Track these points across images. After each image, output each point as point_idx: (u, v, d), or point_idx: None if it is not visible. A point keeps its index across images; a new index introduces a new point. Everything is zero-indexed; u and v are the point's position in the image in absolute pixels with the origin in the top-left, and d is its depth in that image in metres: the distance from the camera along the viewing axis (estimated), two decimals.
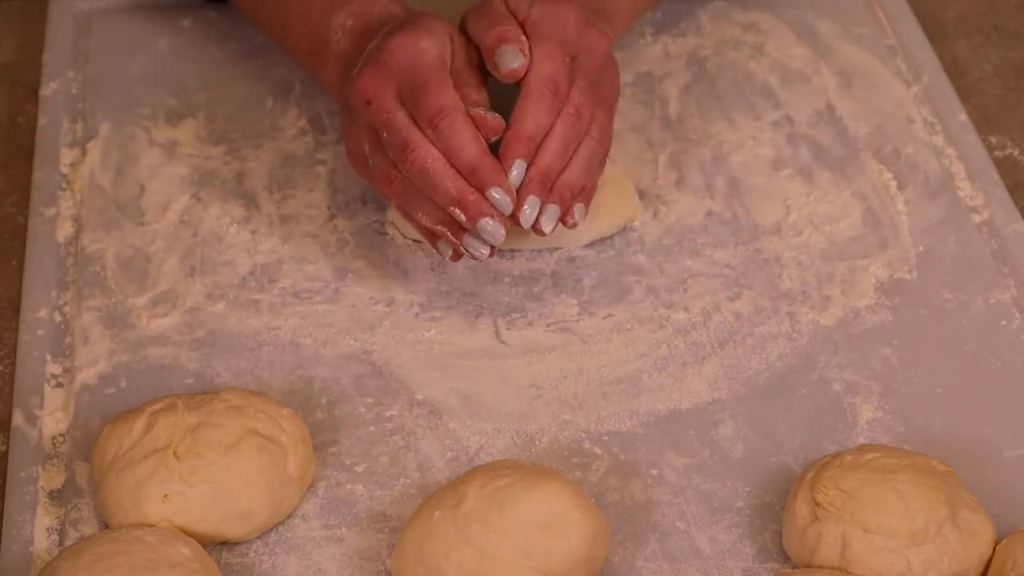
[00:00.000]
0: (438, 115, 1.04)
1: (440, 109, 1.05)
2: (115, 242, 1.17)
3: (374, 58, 1.08)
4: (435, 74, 1.06)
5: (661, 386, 1.07)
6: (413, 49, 1.07)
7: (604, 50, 1.11)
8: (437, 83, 1.06)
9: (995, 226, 1.17)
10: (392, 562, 0.96)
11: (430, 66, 1.06)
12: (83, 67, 1.31)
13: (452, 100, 1.05)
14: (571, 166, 1.08)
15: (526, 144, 1.06)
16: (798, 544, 0.96)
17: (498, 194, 1.04)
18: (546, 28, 1.09)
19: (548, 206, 1.06)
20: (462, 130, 1.04)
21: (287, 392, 1.07)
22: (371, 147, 1.08)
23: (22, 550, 0.98)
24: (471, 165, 1.04)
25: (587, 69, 1.09)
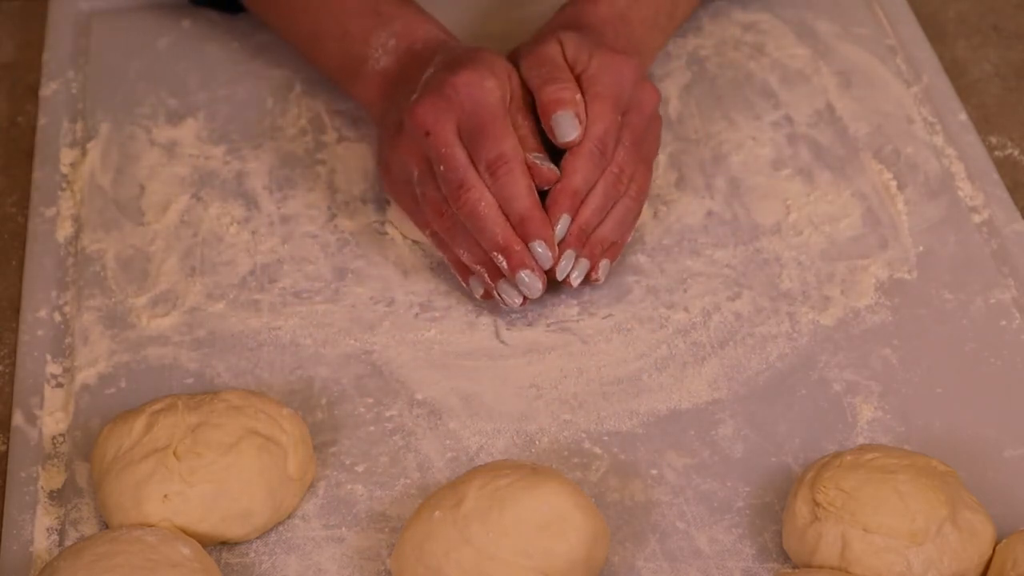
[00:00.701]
0: (498, 161, 1.07)
1: (500, 156, 1.07)
2: (115, 242, 1.17)
3: (436, 90, 1.09)
4: (498, 118, 1.08)
5: (661, 386, 1.07)
6: (478, 88, 1.08)
7: (652, 107, 1.12)
8: (500, 128, 1.08)
9: (995, 226, 1.17)
10: (392, 562, 0.96)
11: (493, 108, 1.08)
12: (83, 67, 1.31)
13: (512, 147, 1.07)
14: (606, 222, 1.10)
15: (572, 199, 1.08)
16: (798, 544, 0.96)
17: (541, 248, 1.07)
18: (603, 85, 1.11)
19: (580, 260, 1.09)
20: (519, 180, 1.07)
21: (287, 392, 1.07)
22: (421, 175, 1.10)
23: (22, 550, 0.98)
24: (522, 215, 1.07)
25: (635, 127, 1.11)
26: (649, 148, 1.14)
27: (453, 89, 1.08)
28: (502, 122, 1.08)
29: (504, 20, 1.35)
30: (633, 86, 1.11)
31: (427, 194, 1.10)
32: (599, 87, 1.10)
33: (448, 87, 1.08)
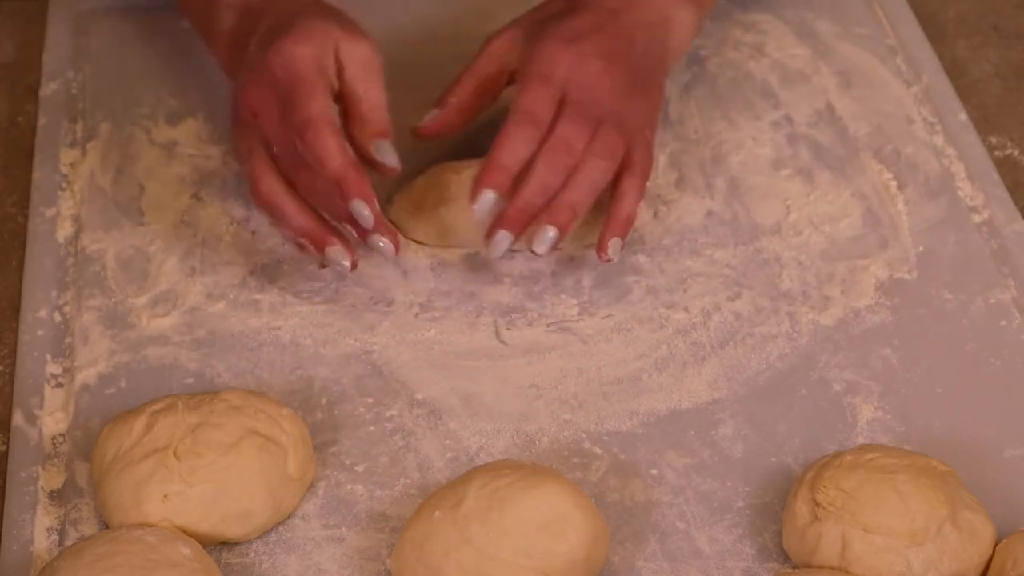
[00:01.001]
0: (304, 125, 1.04)
1: (306, 119, 1.04)
2: (115, 242, 1.17)
3: (255, 69, 1.08)
4: (305, 82, 1.06)
5: (661, 386, 1.07)
6: (289, 58, 1.07)
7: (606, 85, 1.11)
8: (305, 91, 1.05)
9: (995, 226, 1.17)
10: (392, 562, 0.96)
11: (302, 74, 1.06)
12: (83, 67, 1.31)
13: (319, 110, 1.05)
14: (571, 186, 1.09)
15: (497, 173, 1.07)
16: (798, 544, 0.96)
17: (359, 207, 1.04)
18: (528, 67, 1.11)
19: (544, 227, 1.08)
20: (328, 140, 1.04)
21: (287, 392, 1.07)
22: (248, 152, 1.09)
23: (22, 550, 0.98)
24: (336, 175, 1.04)
25: (576, 99, 1.10)
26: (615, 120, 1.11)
27: (266, 66, 1.07)
28: (309, 85, 1.06)
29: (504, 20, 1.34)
30: (570, 67, 1.10)
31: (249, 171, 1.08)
32: (524, 69, 1.11)
33: (263, 65, 1.07)
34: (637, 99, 1.13)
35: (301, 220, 1.07)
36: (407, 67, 1.31)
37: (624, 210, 1.11)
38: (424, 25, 1.34)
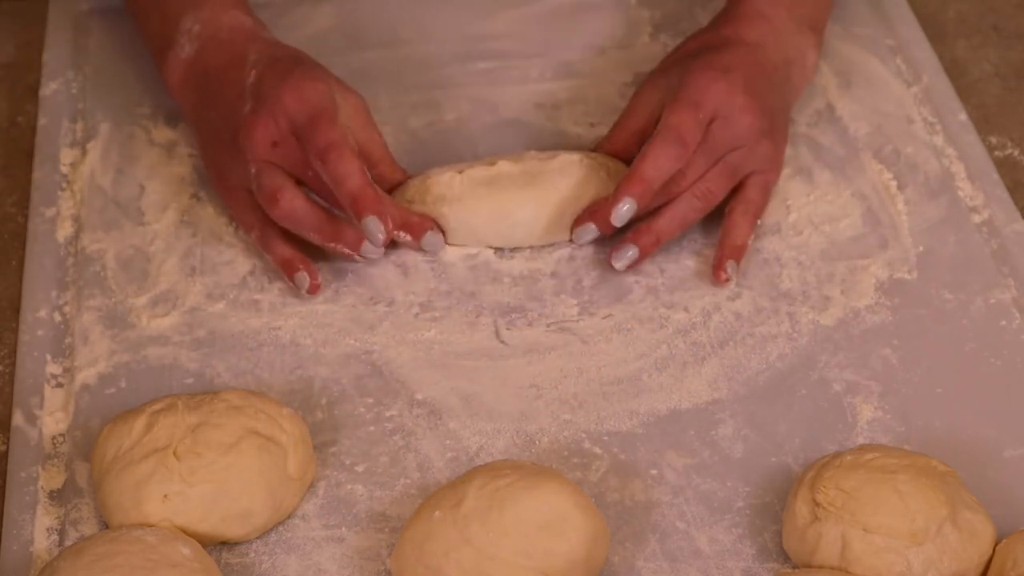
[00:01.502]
0: (328, 149, 1.08)
1: (330, 144, 1.08)
2: (115, 242, 1.17)
3: (270, 100, 1.11)
4: (326, 111, 1.10)
5: (661, 386, 1.07)
6: (303, 90, 1.10)
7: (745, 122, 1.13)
8: (327, 120, 1.09)
9: (995, 226, 1.17)
10: (392, 562, 0.96)
11: (322, 104, 1.10)
12: (83, 67, 1.31)
13: (341, 135, 1.09)
14: (662, 214, 1.13)
15: (640, 184, 1.10)
16: (798, 544, 0.96)
17: (372, 223, 1.07)
18: (683, 92, 1.12)
19: (627, 245, 1.12)
20: (349, 162, 1.08)
21: (287, 392, 1.07)
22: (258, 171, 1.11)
23: (22, 550, 0.98)
24: (352, 195, 1.08)
25: (714, 134, 1.12)
26: (735, 162, 1.14)
27: (279, 100, 1.10)
28: (329, 114, 1.09)
29: (504, 20, 1.35)
30: (720, 97, 1.12)
31: (264, 185, 1.10)
32: (679, 94, 1.12)
33: (275, 99, 1.10)
34: (767, 141, 1.15)
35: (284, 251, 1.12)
36: (407, 67, 1.31)
37: (733, 241, 1.14)
38: (424, 25, 1.34)
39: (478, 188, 1.15)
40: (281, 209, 1.10)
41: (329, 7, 1.36)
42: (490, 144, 1.24)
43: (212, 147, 1.16)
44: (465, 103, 1.28)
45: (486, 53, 1.32)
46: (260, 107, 1.11)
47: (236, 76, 1.14)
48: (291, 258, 1.12)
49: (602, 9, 1.36)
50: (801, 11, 1.21)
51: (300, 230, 1.12)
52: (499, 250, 1.16)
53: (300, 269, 1.12)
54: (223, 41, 1.17)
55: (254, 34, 1.18)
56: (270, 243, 1.13)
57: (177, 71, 1.19)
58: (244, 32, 1.18)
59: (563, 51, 1.32)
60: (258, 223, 1.13)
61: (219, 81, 1.15)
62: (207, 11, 1.18)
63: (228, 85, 1.14)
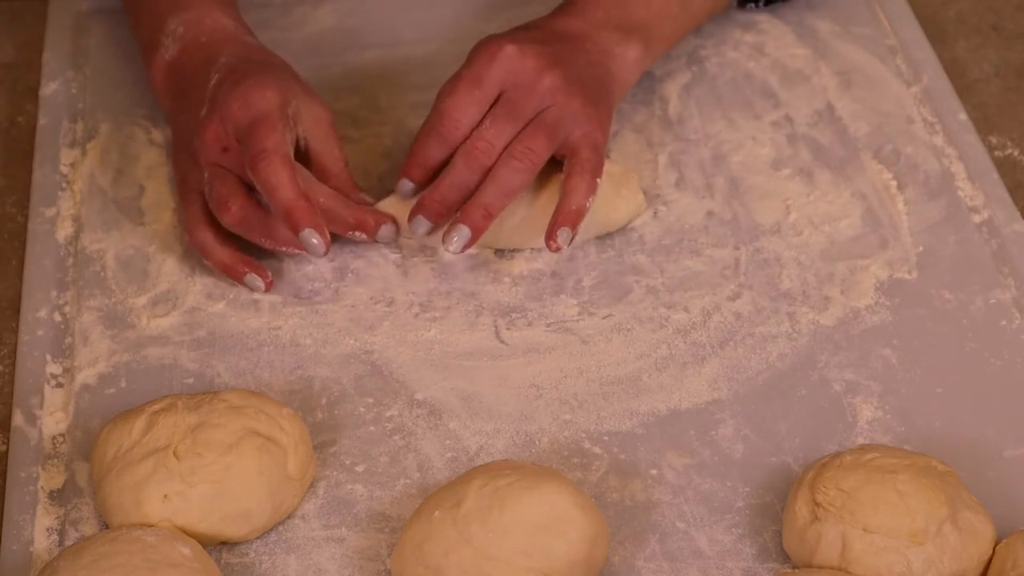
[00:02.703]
0: (260, 156, 1.08)
1: (262, 151, 1.09)
2: (115, 242, 1.17)
3: (221, 107, 1.11)
4: (267, 118, 1.10)
5: (661, 386, 1.07)
6: (251, 97, 1.11)
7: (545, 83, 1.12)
8: (266, 127, 1.09)
9: (995, 226, 1.17)
10: (392, 562, 0.96)
11: (264, 111, 1.10)
12: (83, 67, 1.31)
13: (275, 143, 1.09)
14: (485, 188, 1.11)
15: (412, 168, 1.14)
16: (798, 544, 0.96)
17: (310, 236, 1.08)
18: (469, 67, 1.13)
19: (458, 226, 1.11)
20: (279, 171, 1.08)
21: (287, 392, 1.07)
22: (211, 176, 1.12)
23: (22, 550, 0.98)
24: (285, 207, 1.08)
25: (509, 99, 1.12)
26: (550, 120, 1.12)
27: (228, 105, 1.10)
28: (270, 122, 1.10)
29: (504, 20, 1.35)
30: (505, 65, 1.12)
31: (216, 190, 1.11)
32: (462, 70, 1.14)
33: (225, 103, 1.11)
34: (578, 99, 1.14)
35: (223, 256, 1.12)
36: (407, 67, 1.31)
37: (572, 204, 1.11)
38: (424, 25, 1.34)
39: None
40: (232, 216, 1.11)
41: (329, 7, 1.36)
42: None
43: (180, 149, 1.16)
44: None
45: None
46: (212, 111, 1.12)
47: (204, 79, 1.15)
48: (232, 261, 1.12)
49: None
50: (621, 13, 1.20)
51: (251, 236, 1.12)
52: (499, 250, 1.16)
53: (247, 271, 1.12)
54: (202, 44, 1.17)
55: (232, 37, 1.18)
56: (209, 248, 1.12)
57: (160, 72, 1.20)
58: (223, 34, 1.18)
59: None
60: (199, 227, 1.13)
61: (192, 83, 1.16)
62: (191, 13, 1.19)
63: (197, 88, 1.15)
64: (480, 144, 1.12)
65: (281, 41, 1.29)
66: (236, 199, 1.11)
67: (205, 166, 1.12)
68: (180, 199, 1.15)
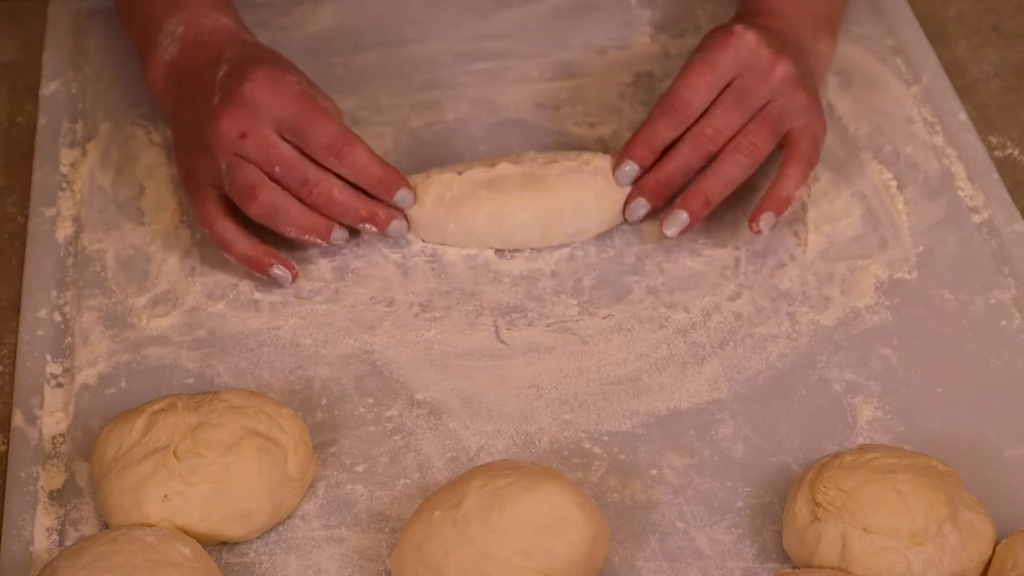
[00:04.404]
0: (336, 142, 1.10)
1: (336, 137, 1.10)
2: (115, 242, 1.17)
3: (237, 93, 1.10)
4: (313, 104, 1.11)
5: (661, 386, 1.07)
6: (282, 83, 1.11)
7: (777, 73, 1.13)
8: (319, 112, 1.10)
9: (995, 226, 1.17)
10: (392, 562, 0.96)
11: (304, 98, 1.11)
12: (83, 67, 1.31)
13: (339, 126, 1.11)
14: (707, 177, 1.13)
15: (640, 148, 1.14)
16: (798, 544, 0.96)
17: (404, 193, 1.13)
18: (699, 52, 1.14)
19: (677, 212, 1.13)
20: (361, 152, 1.11)
21: (287, 392, 1.07)
22: (229, 166, 1.11)
23: (22, 550, 0.98)
24: (378, 179, 1.12)
25: (741, 89, 1.13)
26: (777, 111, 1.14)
27: (252, 90, 1.10)
28: (318, 107, 1.11)
29: (504, 20, 1.35)
30: (740, 53, 1.13)
31: (240, 182, 1.11)
32: (701, 48, 1.14)
33: (247, 89, 1.10)
34: (803, 92, 1.15)
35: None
36: (407, 67, 1.31)
37: (782, 191, 1.13)
38: (424, 25, 1.34)
39: (477, 190, 1.15)
40: (260, 205, 1.10)
41: (329, 7, 1.36)
42: (490, 144, 1.24)
43: (184, 146, 1.16)
44: (465, 103, 1.28)
45: (486, 53, 1.32)
46: (227, 99, 1.11)
47: (210, 75, 1.14)
48: (256, 253, 1.12)
49: (602, 9, 1.36)
50: (809, 9, 1.21)
51: (277, 225, 1.12)
52: (499, 250, 1.16)
53: (273, 263, 1.12)
54: (203, 43, 1.17)
55: (233, 36, 1.18)
56: (231, 240, 1.12)
57: (159, 73, 1.19)
58: (224, 34, 1.18)
59: (563, 51, 1.32)
60: (219, 219, 1.12)
61: (195, 82, 1.15)
62: (188, 13, 1.19)
63: (202, 84, 1.14)
64: (708, 131, 1.13)
65: (281, 41, 1.29)
66: (262, 188, 1.10)
67: (220, 157, 1.11)
68: (191, 195, 1.14)
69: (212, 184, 1.13)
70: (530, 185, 1.15)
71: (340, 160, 1.10)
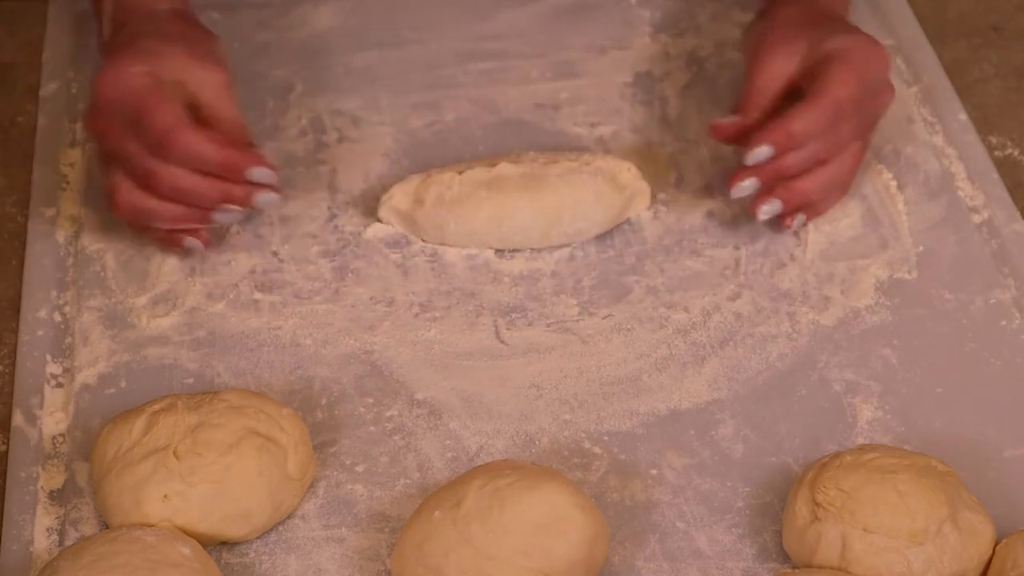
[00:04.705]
0: (165, 136, 1.07)
1: (164, 131, 1.07)
2: (115, 242, 1.17)
3: (93, 90, 1.10)
4: (147, 96, 1.08)
5: (661, 386, 1.07)
6: (122, 80, 1.09)
7: (889, 100, 1.15)
8: (151, 106, 1.08)
9: (995, 226, 1.17)
10: (392, 562, 0.96)
11: (138, 92, 1.08)
12: (83, 67, 1.31)
13: (172, 117, 1.07)
14: (813, 177, 1.13)
15: (781, 136, 1.10)
16: (798, 544, 0.96)
17: (258, 171, 1.08)
18: (853, 56, 1.12)
19: (773, 200, 1.12)
20: (194, 140, 1.07)
21: (287, 392, 1.07)
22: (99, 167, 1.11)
23: (22, 550, 0.98)
24: (222, 163, 1.08)
25: (867, 110, 1.13)
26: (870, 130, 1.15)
27: (99, 88, 1.09)
28: (154, 99, 1.08)
29: (504, 20, 1.35)
30: (877, 72, 1.13)
31: (104, 187, 1.11)
32: (849, 57, 1.12)
33: (98, 87, 1.09)
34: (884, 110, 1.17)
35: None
36: (407, 67, 1.31)
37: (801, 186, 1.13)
38: (424, 25, 1.34)
39: (477, 190, 1.15)
40: (120, 207, 1.10)
41: (329, 7, 1.36)
42: (490, 144, 1.24)
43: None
44: (465, 103, 1.28)
45: (486, 53, 1.32)
46: (91, 96, 1.11)
47: None
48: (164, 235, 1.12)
49: (602, 9, 1.36)
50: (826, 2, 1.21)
51: (146, 223, 1.12)
52: (499, 250, 1.16)
53: (183, 238, 1.12)
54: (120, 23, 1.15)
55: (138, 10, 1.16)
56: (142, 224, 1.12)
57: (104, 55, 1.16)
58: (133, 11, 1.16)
59: (563, 51, 1.32)
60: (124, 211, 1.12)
61: None
62: None
63: None
64: (836, 139, 1.12)
65: (281, 41, 1.29)
66: (118, 190, 1.10)
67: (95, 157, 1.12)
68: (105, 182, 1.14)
69: None
70: (530, 185, 1.15)
71: (171, 151, 1.07)
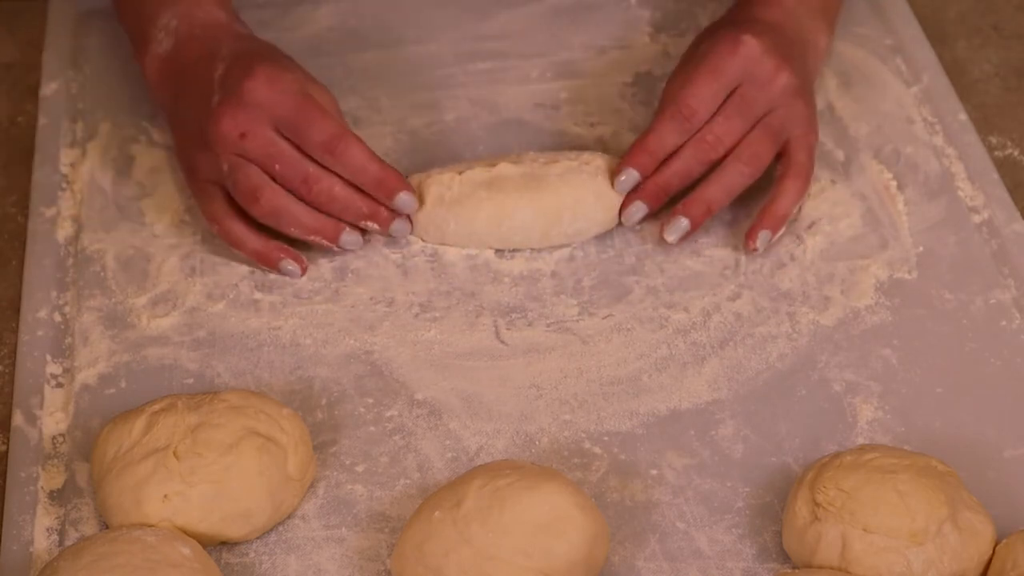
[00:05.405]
0: (332, 141, 1.10)
1: (331, 136, 1.10)
2: (115, 242, 1.17)
3: (236, 92, 1.11)
4: (310, 104, 1.11)
5: (661, 386, 1.07)
6: (279, 82, 1.11)
7: (779, 82, 1.14)
8: (316, 112, 1.10)
9: (995, 226, 1.17)
10: (392, 562, 0.96)
11: (301, 98, 1.11)
12: (83, 67, 1.31)
13: (337, 125, 1.11)
14: (709, 184, 1.14)
15: (641, 155, 1.14)
16: (798, 544, 0.96)
17: (405, 196, 1.12)
18: (706, 59, 1.14)
19: (678, 218, 1.13)
20: (358, 151, 1.11)
21: (287, 392, 1.07)
22: (232, 168, 1.11)
23: (22, 550, 0.98)
24: (376, 179, 1.11)
25: (744, 97, 1.13)
26: (778, 121, 1.14)
27: (252, 89, 1.10)
28: (315, 106, 1.11)
29: (504, 20, 1.35)
30: (747, 62, 1.13)
31: (242, 183, 1.11)
32: (703, 60, 1.14)
33: (247, 88, 1.10)
34: (802, 101, 1.16)
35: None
36: (407, 67, 1.31)
37: (780, 208, 1.14)
38: (424, 25, 1.34)
39: (477, 190, 1.15)
40: (262, 207, 1.11)
41: (329, 7, 1.36)
42: (490, 144, 1.24)
43: (184, 142, 1.16)
44: (465, 103, 1.28)
45: (486, 53, 1.32)
46: (227, 98, 1.11)
47: (206, 70, 1.14)
48: (266, 248, 1.13)
49: (602, 9, 1.36)
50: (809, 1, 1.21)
51: (281, 226, 1.12)
52: (499, 250, 1.16)
53: (282, 257, 1.13)
54: (197, 37, 1.17)
55: (228, 29, 1.18)
56: (240, 237, 1.13)
57: (154, 67, 1.19)
58: (218, 27, 1.18)
59: (563, 51, 1.32)
60: (226, 218, 1.13)
61: (191, 76, 1.15)
62: (183, 6, 1.18)
63: (199, 79, 1.14)
64: (710, 138, 1.13)
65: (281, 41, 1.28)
66: (264, 189, 1.11)
67: (222, 157, 1.11)
68: (196, 193, 1.15)
69: (215, 182, 1.13)
70: (530, 185, 1.15)
71: (336, 158, 1.10)
